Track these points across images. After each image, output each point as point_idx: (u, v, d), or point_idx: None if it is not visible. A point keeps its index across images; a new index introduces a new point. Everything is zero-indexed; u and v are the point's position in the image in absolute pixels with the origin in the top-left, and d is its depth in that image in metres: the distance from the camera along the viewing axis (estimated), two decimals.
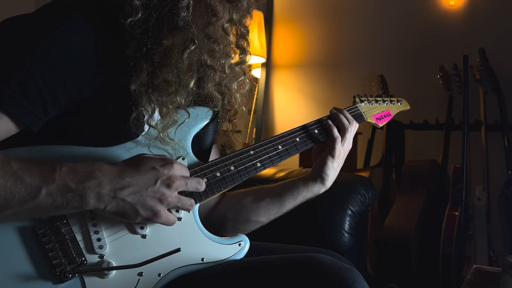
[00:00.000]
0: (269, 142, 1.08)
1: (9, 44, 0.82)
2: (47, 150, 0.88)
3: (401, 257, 2.42)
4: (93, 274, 0.86)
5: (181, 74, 0.92)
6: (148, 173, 0.84)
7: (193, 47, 0.90)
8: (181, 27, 0.88)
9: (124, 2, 0.87)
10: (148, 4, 0.88)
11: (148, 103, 0.90)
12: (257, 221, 1.17)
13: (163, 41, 0.88)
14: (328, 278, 0.83)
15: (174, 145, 0.96)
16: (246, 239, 1.00)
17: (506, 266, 1.14)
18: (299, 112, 3.27)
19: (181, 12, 0.87)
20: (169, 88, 0.91)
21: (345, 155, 1.16)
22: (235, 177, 1.01)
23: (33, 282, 0.82)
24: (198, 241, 0.95)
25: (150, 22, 0.88)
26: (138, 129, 0.92)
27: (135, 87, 0.89)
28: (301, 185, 1.15)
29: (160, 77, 0.90)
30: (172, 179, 0.86)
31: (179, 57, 0.89)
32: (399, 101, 1.37)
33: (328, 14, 3.19)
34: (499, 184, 2.50)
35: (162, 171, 0.85)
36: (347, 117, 1.17)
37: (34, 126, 0.84)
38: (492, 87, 2.55)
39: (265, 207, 1.16)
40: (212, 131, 1.07)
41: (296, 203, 1.17)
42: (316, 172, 1.15)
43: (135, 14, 0.87)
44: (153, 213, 0.85)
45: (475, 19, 2.73)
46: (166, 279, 0.90)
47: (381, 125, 1.31)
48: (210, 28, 0.93)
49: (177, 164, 0.88)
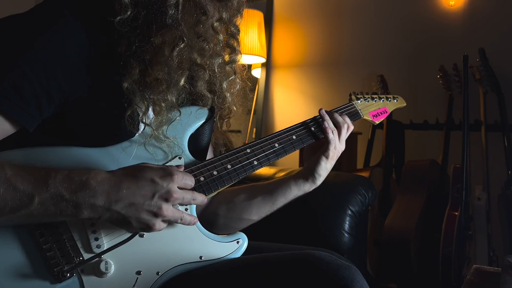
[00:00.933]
0: (266, 140, 1.08)
1: (1, 44, 0.83)
2: (43, 152, 0.88)
3: (401, 257, 2.41)
4: (91, 273, 0.86)
5: (171, 72, 0.92)
6: (146, 186, 0.83)
7: (182, 45, 0.90)
8: (170, 25, 0.88)
9: (114, 0, 0.87)
10: (137, 2, 0.88)
11: (142, 101, 0.90)
12: (249, 219, 1.17)
13: (152, 38, 0.88)
14: (326, 275, 0.82)
15: (169, 143, 0.95)
16: (244, 237, 1.00)
17: (506, 266, 1.14)
18: (299, 112, 3.27)
19: (170, 10, 0.87)
20: (159, 86, 0.91)
21: (338, 156, 1.16)
22: (232, 175, 1.01)
23: (31, 281, 0.82)
24: (196, 239, 0.95)
25: (139, 20, 0.88)
26: (134, 127, 0.91)
27: (127, 85, 0.88)
28: (292, 184, 1.16)
29: (151, 75, 0.89)
30: (171, 193, 0.84)
31: (169, 55, 0.89)
32: (395, 98, 1.38)
33: (328, 14, 3.19)
34: (499, 184, 2.50)
35: (161, 184, 0.84)
36: (338, 119, 1.17)
37: (30, 125, 0.84)
38: (492, 87, 2.55)
39: (257, 205, 1.16)
40: (208, 130, 1.07)
41: (287, 201, 1.17)
42: (308, 172, 1.15)
43: (124, 12, 0.87)
44: (147, 226, 0.84)
45: (475, 19, 2.73)
46: (165, 278, 0.91)
47: (378, 122, 1.32)
48: (199, 27, 0.93)
49: (178, 175, 0.86)
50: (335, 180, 1.66)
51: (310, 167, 1.15)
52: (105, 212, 0.81)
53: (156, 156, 0.95)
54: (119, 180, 0.82)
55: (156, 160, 0.95)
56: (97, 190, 0.80)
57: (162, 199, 0.84)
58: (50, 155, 0.88)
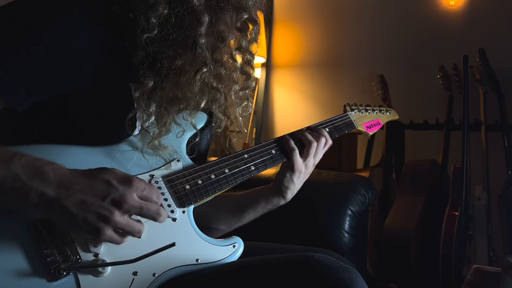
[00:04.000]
0: (263, 146, 1.10)
1: (5, 21, 0.83)
2: (40, 149, 0.87)
3: (401, 257, 2.41)
4: (88, 272, 0.86)
5: (192, 93, 0.94)
6: (100, 186, 0.79)
7: (205, 69, 0.92)
8: (196, 50, 0.90)
9: (139, 14, 0.88)
10: (164, 22, 0.89)
11: (146, 109, 0.91)
12: (217, 229, 1.17)
13: (176, 60, 0.89)
14: (326, 278, 0.82)
15: (166, 151, 0.96)
16: (240, 241, 1.01)
17: (506, 266, 1.14)
18: (299, 112, 3.28)
19: (200, 39, 0.89)
20: (179, 104, 0.92)
21: (310, 168, 1.14)
22: (229, 180, 1.02)
23: (27, 279, 0.82)
24: (192, 242, 0.95)
25: (167, 41, 0.89)
26: (131, 128, 0.92)
27: (138, 94, 0.90)
28: (262, 198, 1.15)
29: (170, 92, 0.91)
30: (124, 199, 0.79)
31: (192, 77, 0.91)
32: (388, 111, 1.42)
33: (328, 14, 3.19)
34: (499, 184, 2.50)
35: (116, 188, 0.79)
36: (312, 133, 1.14)
37: (17, 103, 0.83)
38: (492, 87, 2.55)
39: (225, 217, 1.17)
40: (207, 135, 1.08)
41: (257, 215, 1.17)
42: (275, 184, 1.15)
43: (151, 31, 0.87)
44: (95, 229, 0.79)
45: (475, 19, 2.73)
46: (161, 279, 0.90)
47: (371, 133, 1.35)
48: (218, 53, 0.95)
49: (140, 184, 0.82)
50: (335, 180, 1.66)
51: (277, 180, 1.14)
52: (53, 205, 0.78)
53: (149, 161, 0.95)
54: (75, 177, 0.79)
55: (151, 165, 0.95)
56: (51, 181, 0.78)
57: (114, 203, 0.79)
58: (48, 152, 0.87)
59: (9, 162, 0.77)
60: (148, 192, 0.83)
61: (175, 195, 0.95)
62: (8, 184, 0.77)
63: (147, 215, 0.83)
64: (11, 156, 0.78)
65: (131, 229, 0.82)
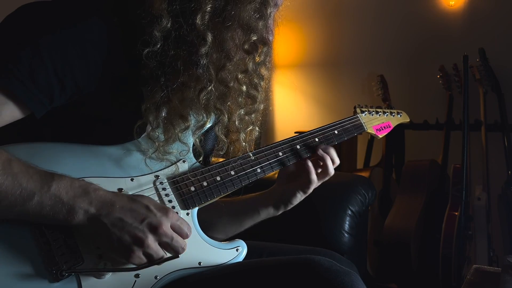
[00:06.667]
0: (270, 148, 1.08)
1: (25, 27, 0.82)
2: (46, 147, 0.88)
3: (401, 257, 2.41)
4: (89, 274, 0.86)
5: (196, 111, 0.93)
6: (140, 210, 0.83)
7: (209, 88, 0.90)
8: (199, 68, 0.88)
9: (145, 28, 0.86)
10: (167, 37, 0.86)
11: (156, 119, 0.91)
12: (214, 237, 1.17)
13: (179, 79, 0.88)
14: (326, 281, 0.82)
15: (172, 156, 0.95)
16: (244, 245, 1.00)
17: (506, 266, 1.14)
18: (299, 112, 3.27)
19: (201, 59, 0.87)
20: (183, 122, 0.91)
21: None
22: (235, 182, 1.01)
23: (29, 279, 0.82)
24: (196, 244, 0.94)
25: (168, 56, 0.87)
26: (138, 136, 0.92)
27: (145, 107, 0.89)
28: (262, 209, 1.15)
29: (174, 109, 0.90)
30: (160, 225, 0.83)
31: (196, 95, 0.90)
32: (399, 113, 1.38)
33: (329, 14, 3.19)
34: (499, 184, 2.50)
35: (154, 213, 0.84)
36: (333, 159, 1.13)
37: (38, 112, 0.83)
38: (492, 87, 2.55)
39: (223, 226, 1.16)
40: (213, 136, 1.07)
41: (254, 223, 1.17)
42: (281, 201, 1.14)
43: (154, 45, 0.86)
44: (126, 250, 0.83)
45: (475, 19, 2.73)
46: (162, 282, 0.90)
47: (381, 136, 1.30)
48: (223, 73, 0.92)
49: (175, 215, 0.86)
50: (335, 180, 1.65)
51: (284, 197, 1.13)
52: (94, 222, 0.81)
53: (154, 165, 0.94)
54: (116, 197, 0.84)
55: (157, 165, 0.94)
56: (93, 199, 0.81)
57: (150, 227, 0.83)
58: (51, 150, 0.87)
59: (49, 186, 0.79)
60: (181, 223, 0.87)
61: (180, 198, 0.94)
62: (48, 208, 0.79)
63: (174, 247, 0.86)
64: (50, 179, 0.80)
65: (157, 256, 0.85)
